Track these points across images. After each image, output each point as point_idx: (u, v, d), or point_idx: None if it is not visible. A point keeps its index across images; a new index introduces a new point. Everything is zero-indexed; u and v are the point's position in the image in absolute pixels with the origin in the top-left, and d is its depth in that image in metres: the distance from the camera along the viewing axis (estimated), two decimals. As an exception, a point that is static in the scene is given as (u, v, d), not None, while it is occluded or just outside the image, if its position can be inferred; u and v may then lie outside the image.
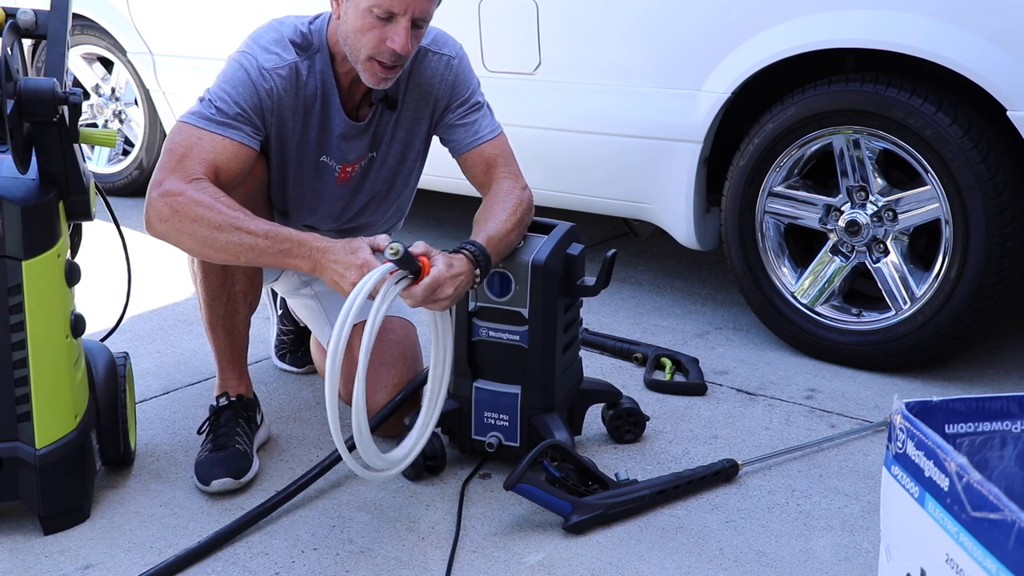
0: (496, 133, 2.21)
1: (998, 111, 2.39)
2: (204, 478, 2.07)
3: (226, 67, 2.07)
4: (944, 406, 1.30)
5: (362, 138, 2.19)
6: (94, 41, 4.36)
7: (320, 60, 2.10)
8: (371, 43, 1.97)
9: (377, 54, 1.97)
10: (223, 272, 2.13)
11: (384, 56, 1.97)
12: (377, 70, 2.00)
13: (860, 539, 1.92)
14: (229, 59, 2.08)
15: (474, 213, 2.11)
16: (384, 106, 2.16)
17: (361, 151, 2.21)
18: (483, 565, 1.85)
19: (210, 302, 2.17)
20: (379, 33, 1.95)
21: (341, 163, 2.20)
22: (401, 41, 1.95)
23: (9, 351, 1.85)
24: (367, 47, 1.97)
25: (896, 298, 2.63)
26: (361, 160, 2.23)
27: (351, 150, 2.19)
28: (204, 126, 1.99)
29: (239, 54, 2.08)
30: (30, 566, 1.85)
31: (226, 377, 2.24)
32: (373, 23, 1.95)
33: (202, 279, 2.16)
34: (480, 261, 1.94)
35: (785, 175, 2.75)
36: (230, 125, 1.99)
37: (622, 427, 2.29)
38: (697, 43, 2.77)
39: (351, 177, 2.24)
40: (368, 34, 1.96)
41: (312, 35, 2.10)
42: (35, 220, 1.83)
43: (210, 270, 2.14)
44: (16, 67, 1.81)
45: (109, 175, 4.48)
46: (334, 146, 2.16)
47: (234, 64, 2.06)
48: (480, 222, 2.06)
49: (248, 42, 2.10)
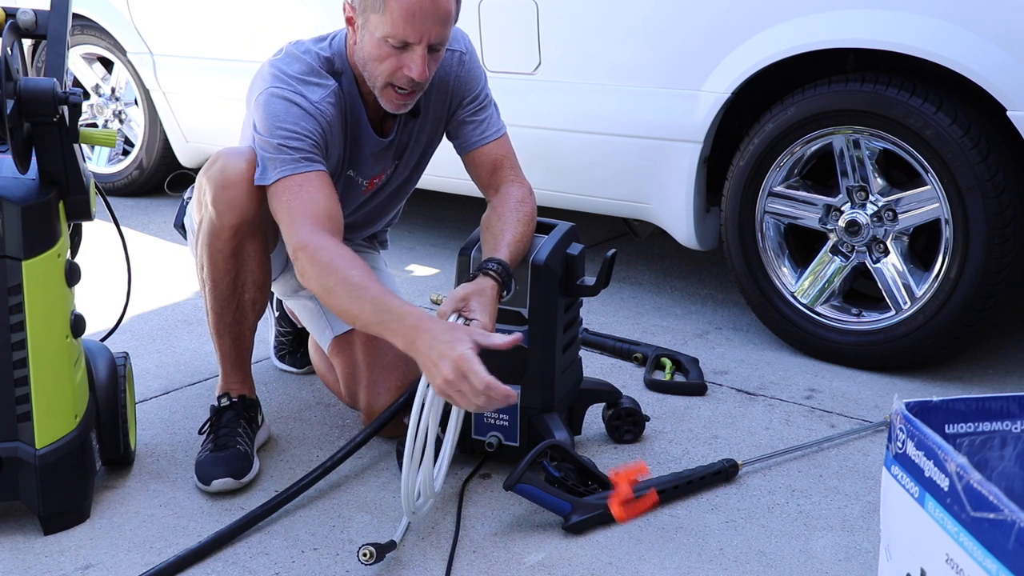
0: (502, 132, 2.22)
1: (998, 111, 2.39)
2: (204, 478, 2.07)
3: (268, 107, 1.98)
4: (944, 406, 1.30)
5: (389, 151, 2.19)
6: (94, 41, 4.36)
7: (346, 81, 2.07)
8: (387, 71, 1.95)
9: (395, 80, 1.96)
10: (233, 282, 2.12)
11: (402, 83, 1.96)
12: (395, 97, 1.99)
13: (860, 539, 1.92)
14: (267, 98, 1.99)
15: (473, 213, 2.11)
16: (408, 116, 2.15)
17: (387, 164, 2.21)
18: (483, 565, 1.85)
19: (219, 310, 2.16)
20: (395, 61, 1.94)
21: (369, 177, 2.20)
22: (418, 69, 1.93)
23: (9, 351, 1.85)
24: (383, 75, 1.96)
25: (896, 298, 2.63)
26: (387, 170, 2.23)
27: (378, 164, 2.19)
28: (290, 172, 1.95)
29: (276, 90, 1.99)
30: (30, 566, 1.85)
31: (229, 379, 2.24)
32: (389, 52, 1.93)
33: (211, 287, 2.14)
34: (505, 282, 1.97)
35: (785, 175, 2.75)
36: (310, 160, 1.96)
37: (621, 427, 2.29)
38: (697, 43, 2.77)
39: (376, 186, 2.25)
40: (385, 63, 1.94)
41: (335, 59, 2.07)
42: (35, 220, 1.83)
43: (220, 280, 2.12)
44: (16, 67, 1.81)
45: (109, 175, 4.48)
46: (362, 163, 2.16)
47: (280, 103, 1.98)
48: (496, 233, 2.05)
49: (276, 76, 2.01)
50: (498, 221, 2.08)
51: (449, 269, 3.47)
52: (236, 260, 2.10)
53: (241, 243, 2.07)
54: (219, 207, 2.03)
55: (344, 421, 2.39)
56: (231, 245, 2.07)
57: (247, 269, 2.11)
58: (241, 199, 2.01)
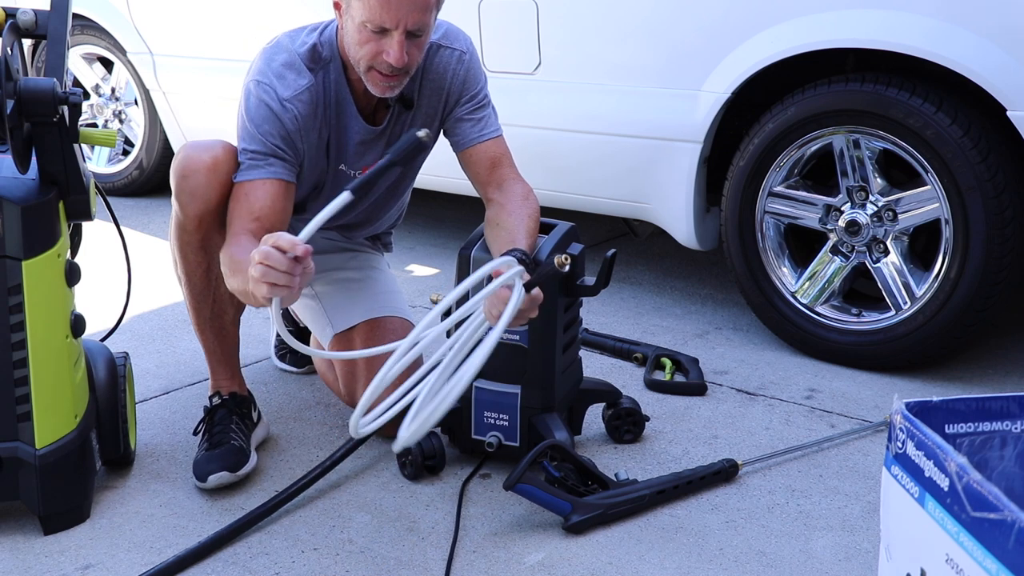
0: (499, 133, 2.22)
1: (998, 111, 2.39)
2: (201, 475, 2.07)
3: (247, 101, 2.06)
4: (944, 406, 1.30)
5: (379, 142, 2.19)
6: (94, 41, 4.36)
7: (334, 70, 2.10)
8: (368, 55, 1.98)
9: (375, 65, 1.99)
10: (206, 274, 2.13)
11: (382, 68, 1.98)
12: (379, 79, 2.01)
13: (860, 539, 1.92)
14: (246, 90, 2.07)
15: (473, 213, 2.11)
16: (401, 107, 2.16)
17: (378, 154, 2.21)
18: (483, 565, 1.85)
19: (196, 305, 2.18)
20: (375, 46, 1.96)
21: (359, 169, 2.20)
22: (395, 55, 1.95)
23: (9, 351, 1.85)
24: (365, 59, 1.99)
25: (896, 298, 2.63)
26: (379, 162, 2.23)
27: (369, 154, 2.19)
28: (244, 179, 2.02)
29: (255, 84, 2.06)
30: (30, 566, 1.85)
31: (218, 377, 2.25)
32: (368, 37, 1.96)
33: (186, 282, 2.16)
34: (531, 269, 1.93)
35: (785, 175, 2.75)
36: (266, 166, 2.02)
37: (621, 427, 2.29)
38: (697, 43, 2.77)
39: None
40: (365, 47, 1.97)
41: (323, 46, 2.10)
42: (35, 220, 1.83)
43: (193, 273, 2.13)
44: (16, 67, 1.81)
45: (109, 175, 4.48)
46: (351, 153, 2.17)
47: (254, 99, 2.05)
48: (510, 227, 2.04)
49: (261, 67, 2.08)
50: (508, 217, 2.07)
51: (449, 269, 3.47)
52: (205, 252, 2.11)
53: (208, 233, 2.08)
54: (182, 198, 2.07)
55: (344, 421, 2.39)
56: (198, 237, 2.08)
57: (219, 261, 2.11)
58: (201, 188, 2.04)
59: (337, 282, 2.40)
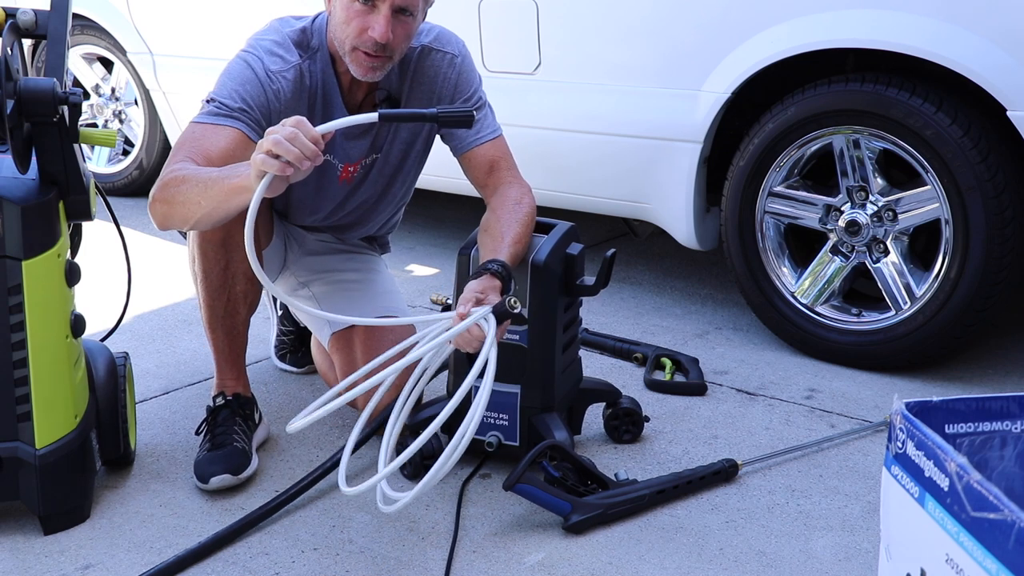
0: (497, 133, 2.22)
1: (998, 111, 2.39)
2: (202, 476, 2.07)
3: (230, 66, 2.08)
4: (944, 406, 1.30)
5: (364, 138, 2.19)
6: (94, 41, 4.36)
7: (321, 59, 2.12)
8: (354, 32, 1.99)
9: (360, 44, 1.99)
10: (224, 272, 2.13)
11: (367, 46, 1.99)
12: (362, 59, 2.01)
13: (860, 539, 1.92)
14: (233, 60, 2.09)
15: (473, 213, 2.11)
16: (387, 106, 2.16)
17: (363, 151, 2.21)
18: (483, 565, 1.85)
19: (210, 302, 2.17)
20: (361, 22, 1.98)
21: (343, 162, 2.20)
22: (381, 29, 1.96)
23: (9, 351, 1.85)
24: (351, 37, 2.00)
25: (896, 298, 2.63)
26: (364, 160, 2.23)
27: (353, 149, 2.19)
28: (204, 120, 2.00)
29: (243, 54, 2.08)
30: (30, 566, 1.85)
31: (224, 376, 2.24)
32: (356, 12, 1.98)
33: (202, 279, 2.16)
34: (506, 282, 1.96)
35: (785, 175, 2.75)
36: (232, 117, 2.00)
37: (620, 427, 2.29)
38: (697, 43, 2.77)
39: (353, 177, 2.25)
40: (351, 24, 1.99)
41: (312, 35, 2.13)
42: (35, 220, 1.83)
43: (211, 270, 2.13)
44: (16, 67, 1.81)
45: (109, 175, 4.48)
46: (336, 145, 2.17)
47: (239, 63, 2.07)
48: (495, 235, 2.05)
49: (251, 43, 2.11)
50: (496, 223, 2.08)
51: (449, 269, 3.47)
52: (226, 249, 2.11)
53: (229, 231, 2.07)
54: None
55: (344, 421, 2.39)
56: (220, 233, 2.08)
57: (237, 259, 2.11)
58: None
59: (335, 283, 2.40)
